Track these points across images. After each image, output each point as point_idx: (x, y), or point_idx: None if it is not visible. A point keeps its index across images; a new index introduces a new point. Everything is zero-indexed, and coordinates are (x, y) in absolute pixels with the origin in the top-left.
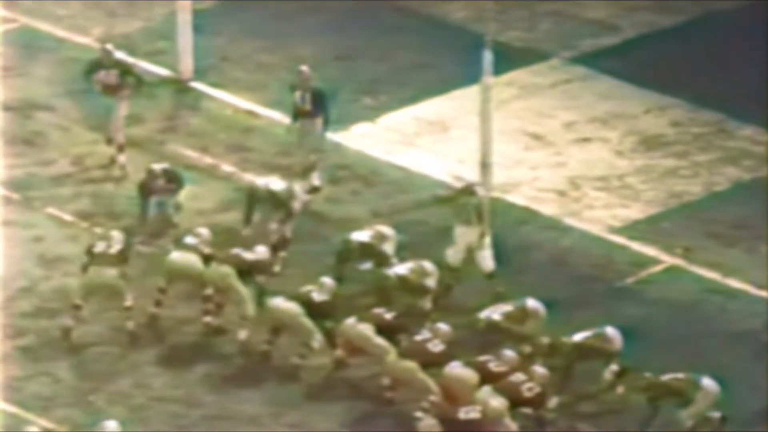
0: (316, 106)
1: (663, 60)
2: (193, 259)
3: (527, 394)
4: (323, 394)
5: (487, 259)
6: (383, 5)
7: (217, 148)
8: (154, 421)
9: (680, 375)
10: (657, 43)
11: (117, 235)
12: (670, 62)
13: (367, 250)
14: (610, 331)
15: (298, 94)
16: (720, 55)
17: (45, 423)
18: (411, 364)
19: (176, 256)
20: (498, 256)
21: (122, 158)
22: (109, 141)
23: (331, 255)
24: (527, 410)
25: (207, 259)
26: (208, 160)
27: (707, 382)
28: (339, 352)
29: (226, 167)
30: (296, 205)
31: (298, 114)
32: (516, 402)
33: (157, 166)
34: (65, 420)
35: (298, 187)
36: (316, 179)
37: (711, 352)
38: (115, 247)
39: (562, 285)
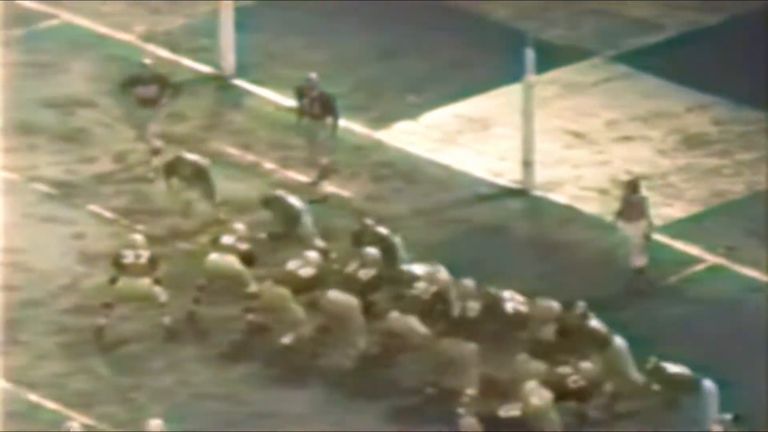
0: (324, 111)
1: (705, 58)
2: (230, 260)
3: (572, 386)
4: (367, 393)
5: (643, 255)
6: (426, 3)
7: (259, 145)
8: (195, 419)
9: (685, 372)
10: (699, 41)
11: (140, 240)
12: (712, 61)
13: (380, 240)
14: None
15: (306, 101)
16: (762, 54)
17: (86, 420)
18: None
19: (214, 257)
20: (541, 255)
21: (155, 161)
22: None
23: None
24: (571, 404)
25: (245, 256)
26: (250, 157)
27: (707, 384)
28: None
29: (268, 164)
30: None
31: (303, 114)
32: (561, 394)
33: (189, 156)
34: (106, 417)
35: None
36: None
37: (753, 350)
38: (144, 256)
39: (605, 283)
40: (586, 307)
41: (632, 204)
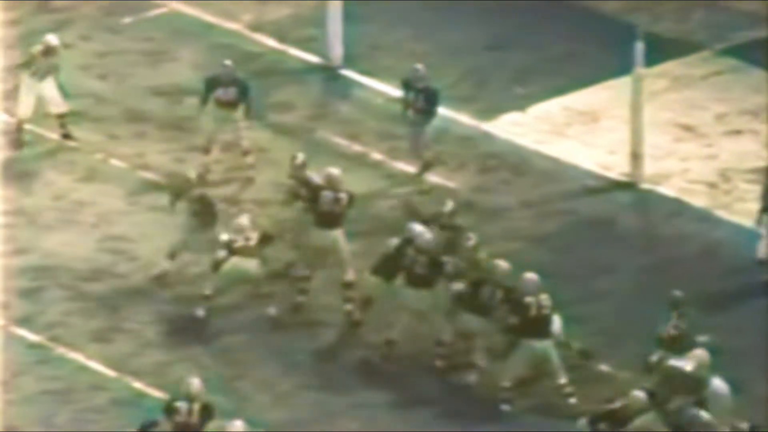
0: (429, 105)
1: None
2: (336, 236)
3: None
4: (463, 388)
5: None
6: None
7: (367, 135)
8: (298, 409)
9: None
10: None
11: (246, 222)
12: None
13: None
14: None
15: (412, 93)
16: None
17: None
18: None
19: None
20: (648, 248)
21: (250, 159)
22: (207, 150)
23: (481, 243)
24: None
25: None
26: (357, 147)
27: (717, 383)
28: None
29: (376, 155)
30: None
31: (408, 106)
32: None
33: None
34: None
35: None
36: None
37: None
38: (253, 237)
39: (713, 277)
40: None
41: None
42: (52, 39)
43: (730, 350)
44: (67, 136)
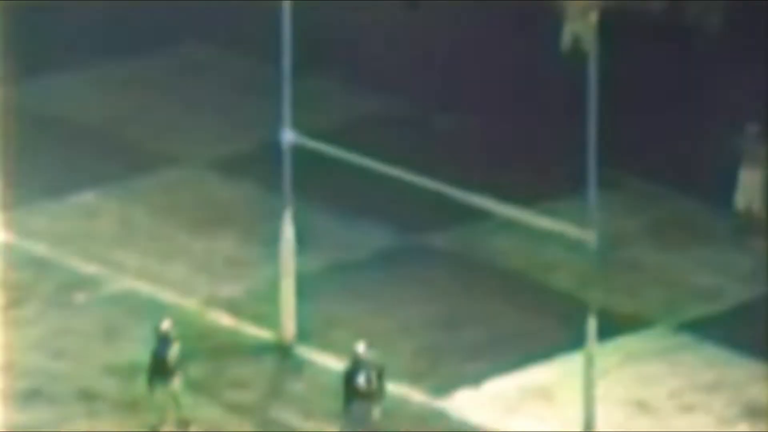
0: (377, 384)
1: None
2: None
3: None
4: None
5: None
6: (486, 270)
7: (320, 413)
8: None
9: None
10: (763, 310)
11: None
12: None
13: None
14: None
15: (362, 378)
16: None
17: None
18: None
19: None
20: None
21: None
22: (158, 427)
23: None
24: None
25: None
26: (310, 425)
27: None
28: None
29: None
30: None
31: (353, 394)
32: None
33: None
34: None
35: None
36: None
37: None
38: None
39: None
40: None
41: None
42: None
43: None
44: None
